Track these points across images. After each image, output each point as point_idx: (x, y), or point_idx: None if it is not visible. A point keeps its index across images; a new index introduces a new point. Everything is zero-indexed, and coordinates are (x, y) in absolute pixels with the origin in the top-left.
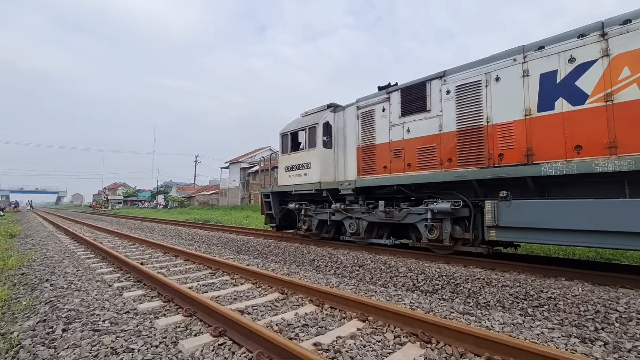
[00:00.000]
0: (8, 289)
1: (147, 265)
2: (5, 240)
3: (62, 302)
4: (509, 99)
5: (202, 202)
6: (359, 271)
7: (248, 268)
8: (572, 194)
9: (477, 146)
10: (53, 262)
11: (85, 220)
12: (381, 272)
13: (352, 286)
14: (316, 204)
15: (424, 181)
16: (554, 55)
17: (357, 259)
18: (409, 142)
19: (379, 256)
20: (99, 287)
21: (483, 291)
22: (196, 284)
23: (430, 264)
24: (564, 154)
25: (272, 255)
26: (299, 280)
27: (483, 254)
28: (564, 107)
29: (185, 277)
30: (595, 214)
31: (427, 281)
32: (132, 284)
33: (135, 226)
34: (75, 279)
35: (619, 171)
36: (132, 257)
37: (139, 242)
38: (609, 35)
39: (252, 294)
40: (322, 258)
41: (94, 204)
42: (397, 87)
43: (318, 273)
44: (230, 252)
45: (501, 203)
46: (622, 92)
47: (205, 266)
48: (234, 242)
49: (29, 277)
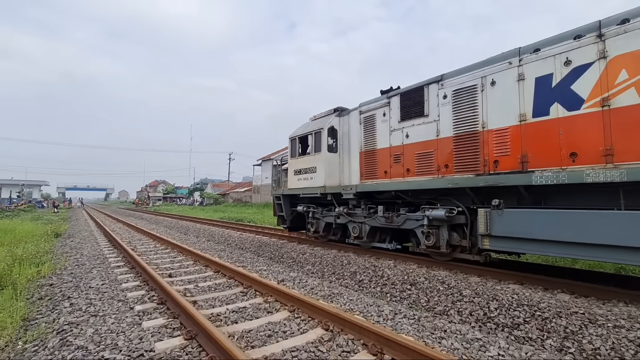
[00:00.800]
0: (31, 304)
1: (175, 278)
2: (49, 240)
3: (74, 334)
4: (505, 104)
5: (236, 199)
6: (410, 291)
7: (284, 290)
8: (567, 203)
9: (472, 152)
10: (82, 271)
11: (126, 218)
12: (439, 294)
13: (410, 318)
14: (323, 207)
15: (420, 187)
16: (549, 58)
17: (407, 275)
18: (407, 148)
19: (434, 272)
20: (118, 310)
21: (586, 332)
22: (225, 309)
23: (502, 285)
24: (559, 162)
25: (308, 265)
26: (347, 315)
27: (480, 262)
28: (559, 113)
29: (213, 297)
30: (585, 225)
31: (502, 311)
32: (154, 307)
33: (171, 225)
34: (97, 297)
35: (610, 182)
36: (161, 265)
37: (171, 247)
38: (606, 36)
39: (289, 328)
40: (365, 271)
41: (137, 200)
42: (396, 92)
43: (363, 291)
44: (264, 259)
45: (493, 211)
46: (619, 96)
47: (237, 282)
48: (267, 246)
49: (55, 291)
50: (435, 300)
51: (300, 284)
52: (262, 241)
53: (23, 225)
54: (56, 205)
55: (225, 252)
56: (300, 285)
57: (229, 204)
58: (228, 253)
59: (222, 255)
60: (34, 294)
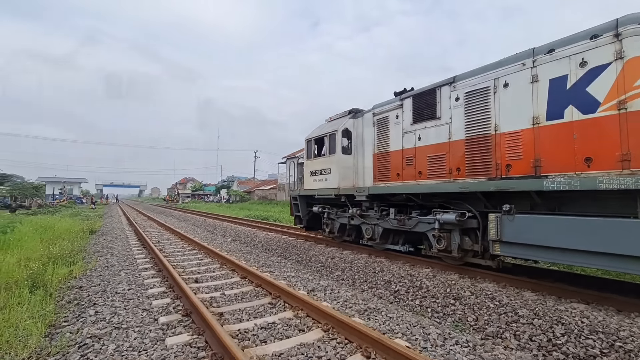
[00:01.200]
0: (60, 308)
1: (201, 284)
2: (84, 237)
3: (95, 350)
4: (517, 107)
5: (261, 196)
6: (455, 306)
7: (316, 305)
8: (583, 209)
9: (484, 156)
10: (111, 274)
11: (156, 215)
12: (489, 312)
13: (464, 346)
14: (338, 208)
15: (431, 191)
16: (564, 59)
17: (449, 287)
18: (420, 150)
19: (481, 285)
20: (142, 322)
21: None
22: (253, 325)
23: (565, 305)
24: (573, 167)
25: (337, 271)
26: (392, 343)
27: (492, 268)
28: (574, 116)
29: (241, 308)
30: (597, 233)
31: (571, 338)
32: (179, 320)
33: (199, 223)
34: (122, 305)
35: (625, 189)
36: (188, 269)
37: (198, 248)
38: (623, 35)
39: (324, 353)
40: (400, 280)
41: (167, 197)
42: (409, 94)
43: (400, 304)
44: (291, 263)
45: (504, 217)
46: (636, 100)
47: (265, 291)
48: (294, 248)
49: (83, 295)
50: (485, 320)
51: (332, 295)
52: (289, 242)
53: (62, 221)
54: (94, 201)
55: (252, 254)
56: (332, 296)
57: (255, 201)
58: (255, 255)
59: (248, 258)
60: (63, 296)
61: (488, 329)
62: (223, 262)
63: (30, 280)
